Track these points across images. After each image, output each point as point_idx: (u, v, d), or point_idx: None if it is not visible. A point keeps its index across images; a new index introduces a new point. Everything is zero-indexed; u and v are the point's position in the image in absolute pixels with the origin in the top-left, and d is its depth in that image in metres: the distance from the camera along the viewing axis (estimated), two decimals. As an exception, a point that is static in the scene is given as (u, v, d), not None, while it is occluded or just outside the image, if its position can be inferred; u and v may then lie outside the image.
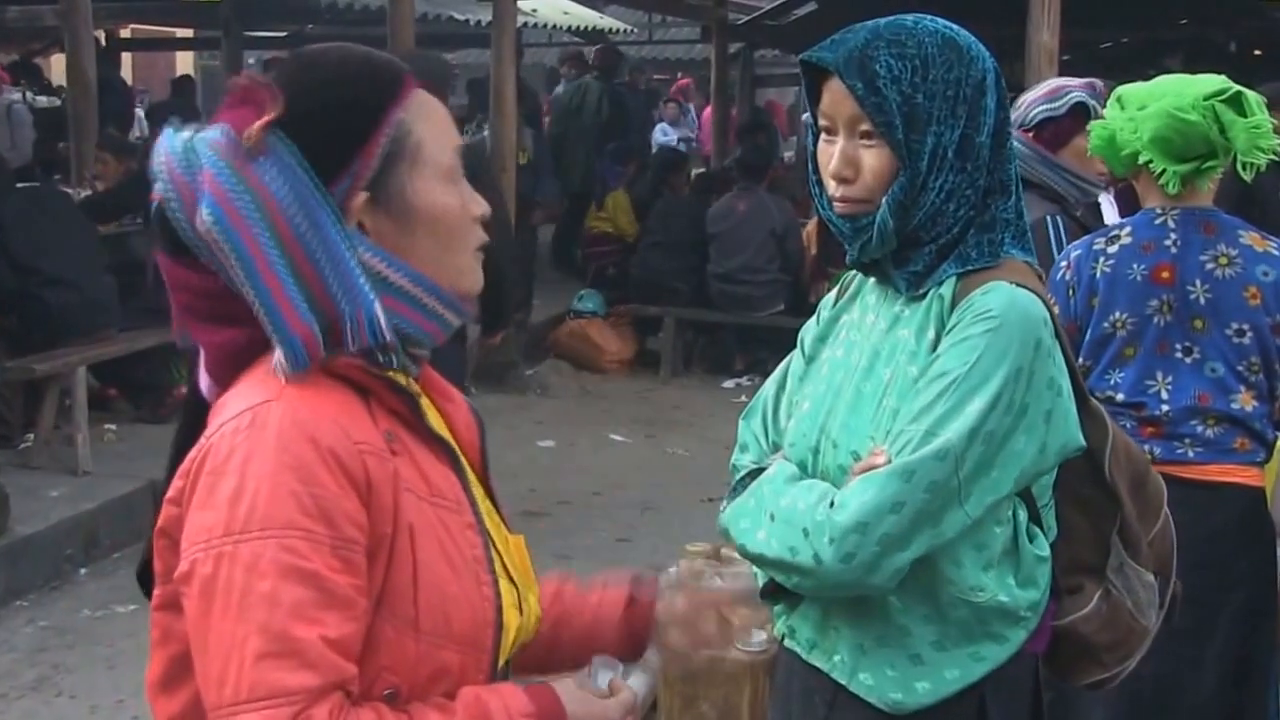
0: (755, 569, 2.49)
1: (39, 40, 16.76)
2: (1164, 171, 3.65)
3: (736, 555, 4.02)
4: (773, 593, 2.46)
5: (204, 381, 1.83)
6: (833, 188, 2.36)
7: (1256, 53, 14.69)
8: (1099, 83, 4.27)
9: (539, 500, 7.77)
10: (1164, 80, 3.74)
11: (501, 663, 1.86)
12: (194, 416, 1.82)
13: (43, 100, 15.30)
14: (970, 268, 2.32)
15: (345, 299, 1.70)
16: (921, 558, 2.23)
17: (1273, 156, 3.62)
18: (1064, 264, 3.82)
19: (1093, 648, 2.51)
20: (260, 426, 1.66)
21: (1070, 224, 4.12)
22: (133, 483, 7.25)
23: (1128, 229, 3.78)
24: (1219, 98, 3.59)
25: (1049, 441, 2.27)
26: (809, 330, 2.60)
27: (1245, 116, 3.58)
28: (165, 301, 1.83)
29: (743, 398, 10.25)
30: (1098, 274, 3.74)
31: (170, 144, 1.75)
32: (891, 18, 2.34)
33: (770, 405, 2.59)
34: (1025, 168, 3.98)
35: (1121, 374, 3.75)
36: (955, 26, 2.36)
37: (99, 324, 8.11)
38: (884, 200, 2.29)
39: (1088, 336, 3.77)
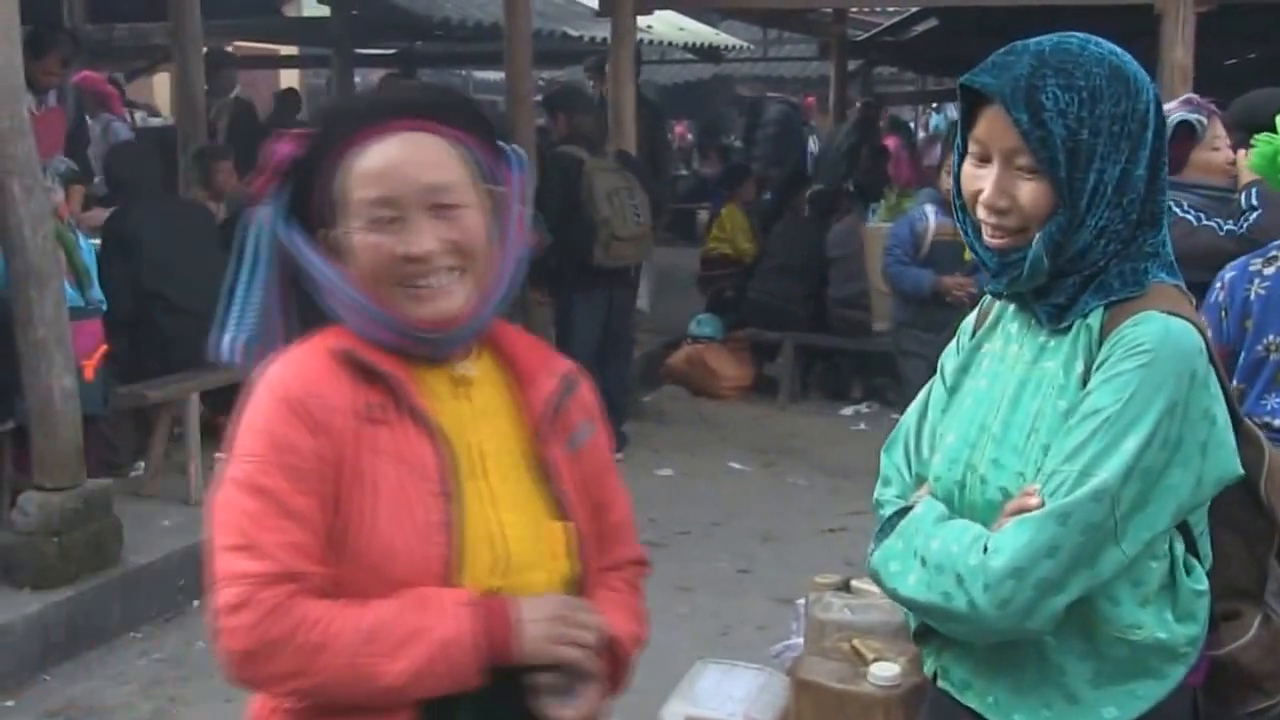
0: (905, 609, 2.46)
1: (144, 59, 16.75)
2: None
3: (866, 587, 3.91)
4: (925, 633, 2.43)
5: None
6: (984, 215, 2.27)
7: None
8: (1195, 96, 4.12)
9: (659, 530, 7.64)
10: None
11: None
12: None
13: (155, 120, 15.34)
14: (1115, 298, 2.24)
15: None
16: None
17: None
18: (1218, 285, 3.69)
19: (1254, 676, 2.41)
20: (259, 380, 2.16)
21: None
22: (246, 512, 7.17)
23: None
24: None
25: (1205, 473, 2.19)
26: (949, 357, 2.53)
27: None
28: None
29: (861, 425, 10.14)
30: (1252, 296, 3.61)
31: None
32: (1056, 39, 2.23)
33: (912, 437, 2.53)
34: None
35: (1278, 399, 3.60)
36: (1120, 51, 2.25)
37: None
38: (1039, 236, 2.21)
39: (1241, 360, 3.65)
